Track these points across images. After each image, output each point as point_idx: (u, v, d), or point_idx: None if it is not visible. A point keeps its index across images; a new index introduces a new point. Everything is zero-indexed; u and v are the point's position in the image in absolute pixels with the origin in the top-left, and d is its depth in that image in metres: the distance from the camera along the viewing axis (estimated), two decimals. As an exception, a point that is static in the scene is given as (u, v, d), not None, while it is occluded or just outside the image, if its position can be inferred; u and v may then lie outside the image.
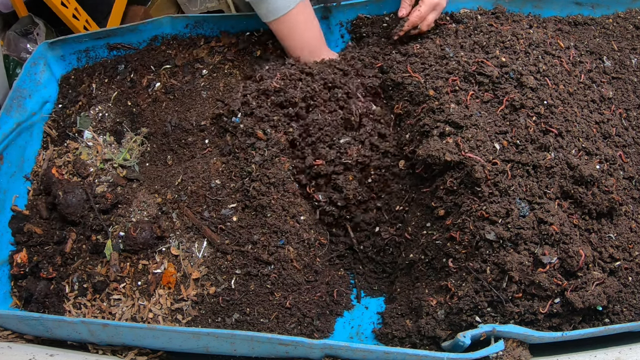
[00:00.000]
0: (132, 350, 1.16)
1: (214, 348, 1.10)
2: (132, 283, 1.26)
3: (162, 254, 1.28)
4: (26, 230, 1.36)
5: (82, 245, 1.33)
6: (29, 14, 2.12)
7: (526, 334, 1.02)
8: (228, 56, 1.55)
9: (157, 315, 1.22)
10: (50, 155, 1.49)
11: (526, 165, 1.14)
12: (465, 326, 1.09)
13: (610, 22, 1.52)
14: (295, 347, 1.03)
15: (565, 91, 1.24)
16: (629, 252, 1.14)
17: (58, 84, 1.61)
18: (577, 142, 1.18)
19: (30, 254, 1.34)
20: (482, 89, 1.24)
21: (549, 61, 1.28)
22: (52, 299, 1.28)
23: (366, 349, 1.01)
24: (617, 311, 1.10)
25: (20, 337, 1.20)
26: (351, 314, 1.35)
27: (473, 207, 1.12)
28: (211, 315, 1.20)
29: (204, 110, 1.45)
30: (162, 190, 1.35)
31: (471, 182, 1.14)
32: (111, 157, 1.44)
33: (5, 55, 1.98)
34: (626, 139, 1.27)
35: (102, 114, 1.51)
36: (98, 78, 1.58)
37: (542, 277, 1.05)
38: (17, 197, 1.42)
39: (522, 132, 1.16)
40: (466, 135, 1.16)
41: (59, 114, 1.56)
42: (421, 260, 1.24)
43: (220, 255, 1.26)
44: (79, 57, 1.61)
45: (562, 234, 1.07)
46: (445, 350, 1.09)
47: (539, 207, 1.10)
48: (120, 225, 1.31)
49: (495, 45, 1.30)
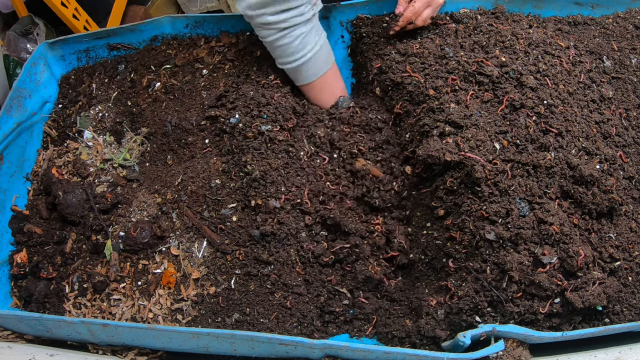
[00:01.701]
0: (132, 350, 1.16)
1: (214, 348, 1.10)
2: (132, 283, 1.26)
3: (162, 254, 1.28)
4: (26, 230, 1.36)
5: (82, 245, 1.33)
6: (29, 14, 2.13)
7: (526, 334, 1.02)
8: (228, 56, 1.55)
9: (157, 315, 1.22)
10: (50, 155, 1.49)
11: (526, 165, 1.14)
12: (465, 326, 1.09)
13: (610, 22, 1.52)
14: (295, 347, 1.03)
15: (565, 91, 1.24)
16: (629, 252, 1.14)
17: (58, 84, 1.61)
18: (577, 142, 1.18)
19: (30, 254, 1.34)
20: (482, 88, 1.24)
21: (548, 61, 1.28)
22: (52, 299, 1.28)
23: (366, 349, 1.01)
24: (617, 311, 1.10)
25: (20, 337, 1.20)
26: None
27: (473, 207, 1.12)
28: (211, 315, 1.20)
29: (204, 111, 1.45)
30: (162, 190, 1.35)
31: (471, 182, 1.14)
32: (111, 157, 1.44)
33: (5, 55, 1.98)
34: (626, 139, 1.27)
35: (102, 114, 1.51)
36: (98, 78, 1.58)
37: (542, 277, 1.05)
38: (17, 197, 1.42)
39: (522, 132, 1.16)
40: (466, 135, 1.16)
41: (59, 114, 1.56)
42: (421, 260, 1.24)
43: (220, 255, 1.26)
44: (79, 57, 1.61)
45: (562, 234, 1.07)
46: (445, 350, 1.09)
47: (539, 207, 1.10)
48: (120, 225, 1.31)
49: (495, 45, 1.30)
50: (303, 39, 1.35)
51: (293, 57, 1.38)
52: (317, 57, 1.39)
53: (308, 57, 1.38)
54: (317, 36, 1.39)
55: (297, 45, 1.35)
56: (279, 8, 1.28)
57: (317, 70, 1.42)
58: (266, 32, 1.34)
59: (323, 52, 1.41)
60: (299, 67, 1.40)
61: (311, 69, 1.41)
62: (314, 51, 1.38)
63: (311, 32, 1.36)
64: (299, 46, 1.35)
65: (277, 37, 1.34)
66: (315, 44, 1.38)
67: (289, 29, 1.33)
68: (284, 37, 1.34)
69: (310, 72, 1.42)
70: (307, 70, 1.41)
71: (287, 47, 1.36)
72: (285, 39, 1.34)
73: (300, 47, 1.36)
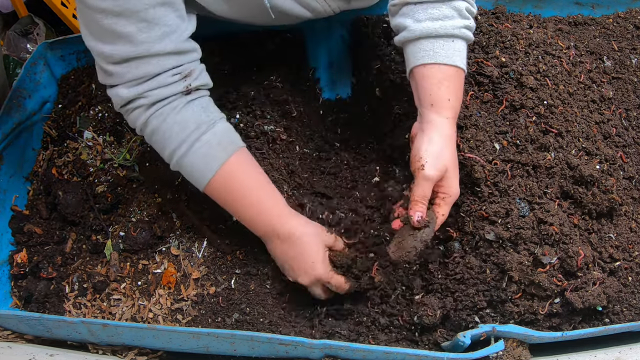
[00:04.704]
0: (132, 350, 1.16)
1: (214, 348, 1.10)
2: (132, 283, 1.27)
3: (162, 254, 1.28)
4: (26, 230, 1.36)
5: (82, 245, 1.33)
6: (29, 14, 2.13)
7: (526, 334, 1.02)
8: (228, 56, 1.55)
9: (157, 315, 1.22)
10: (50, 155, 1.49)
11: (526, 165, 1.14)
12: (465, 326, 1.09)
13: (610, 22, 1.52)
14: (295, 347, 1.03)
15: (565, 91, 1.24)
16: (629, 252, 1.14)
17: (58, 84, 1.60)
18: (577, 142, 1.18)
19: (30, 254, 1.34)
20: (481, 89, 1.24)
21: (549, 61, 1.28)
22: (52, 299, 1.28)
23: (366, 349, 1.01)
24: (617, 311, 1.10)
25: (20, 337, 1.20)
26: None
27: (473, 207, 1.12)
28: (211, 315, 1.20)
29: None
30: (162, 190, 1.35)
31: (471, 182, 1.14)
32: (111, 157, 1.44)
33: (5, 55, 1.99)
34: (626, 139, 1.27)
35: (102, 114, 1.51)
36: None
37: (542, 277, 1.05)
38: (17, 197, 1.43)
39: (522, 132, 1.16)
40: (466, 135, 1.16)
41: (59, 114, 1.56)
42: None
43: (220, 255, 1.26)
44: (79, 57, 1.61)
45: (562, 234, 1.07)
46: (445, 350, 1.09)
47: (538, 207, 1.10)
48: (120, 225, 1.32)
49: (495, 45, 1.30)
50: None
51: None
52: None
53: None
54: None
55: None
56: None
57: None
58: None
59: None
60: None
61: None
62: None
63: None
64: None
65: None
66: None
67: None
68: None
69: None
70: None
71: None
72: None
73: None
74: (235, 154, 1.08)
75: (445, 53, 1.04)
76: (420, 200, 1.01)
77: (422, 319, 1.09)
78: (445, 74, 1.04)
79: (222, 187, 1.09)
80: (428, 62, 1.04)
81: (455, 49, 1.05)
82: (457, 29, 1.04)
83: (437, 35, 1.04)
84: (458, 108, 1.08)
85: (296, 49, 1.57)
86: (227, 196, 1.10)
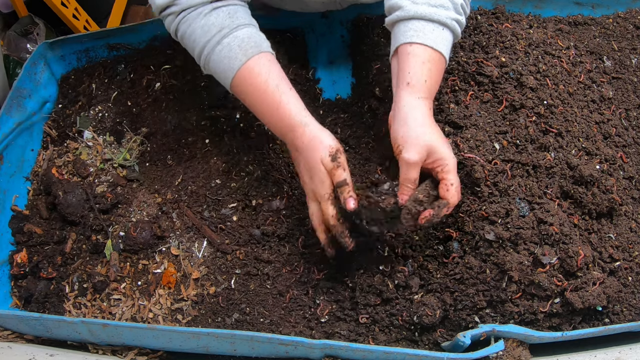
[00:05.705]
0: (132, 350, 1.16)
1: (214, 348, 1.10)
2: (132, 283, 1.27)
3: (162, 254, 1.28)
4: (26, 230, 1.36)
5: (82, 245, 1.33)
6: (29, 14, 2.12)
7: (526, 334, 1.02)
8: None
9: (157, 315, 1.22)
10: (50, 155, 1.49)
11: (526, 165, 1.14)
12: (465, 326, 1.09)
13: (610, 22, 1.52)
14: (295, 347, 1.03)
15: (565, 91, 1.25)
16: (629, 252, 1.14)
17: (58, 84, 1.60)
18: (577, 142, 1.18)
19: (30, 254, 1.34)
20: (481, 89, 1.24)
21: (548, 61, 1.28)
22: (52, 299, 1.28)
23: (366, 349, 1.01)
24: (617, 311, 1.10)
25: (20, 337, 1.20)
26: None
27: (472, 207, 1.12)
28: (211, 315, 1.20)
29: (204, 110, 1.44)
30: (162, 190, 1.35)
31: (471, 182, 1.14)
32: (111, 157, 1.44)
33: (5, 55, 1.99)
34: (626, 139, 1.27)
35: (102, 114, 1.51)
36: (98, 78, 1.58)
37: (542, 277, 1.05)
38: (17, 197, 1.42)
39: (522, 132, 1.17)
40: (465, 135, 1.16)
41: (59, 114, 1.56)
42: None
43: (220, 255, 1.26)
44: (79, 57, 1.61)
45: (562, 234, 1.07)
46: (445, 350, 1.09)
47: (538, 207, 1.10)
48: (120, 225, 1.32)
49: (495, 45, 1.30)
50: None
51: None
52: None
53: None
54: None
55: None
56: None
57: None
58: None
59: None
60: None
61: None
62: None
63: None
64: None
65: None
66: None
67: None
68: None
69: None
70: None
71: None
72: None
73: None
74: (254, 57, 1.08)
75: (434, 37, 1.05)
76: (405, 184, 1.03)
77: (421, 319, 1.09)
78: (430, 56, 1.05)
79: (240, 90, 1.11)
80: (416, 41, 1.05)
81: (443, 37, 1.07)
82: (449, 20, 1.07)
83: (430, 20, 1.06)
84: (434, 93, 1.08)
85: (296, 49, 1.57)
86: (245, 100, 1.12)
